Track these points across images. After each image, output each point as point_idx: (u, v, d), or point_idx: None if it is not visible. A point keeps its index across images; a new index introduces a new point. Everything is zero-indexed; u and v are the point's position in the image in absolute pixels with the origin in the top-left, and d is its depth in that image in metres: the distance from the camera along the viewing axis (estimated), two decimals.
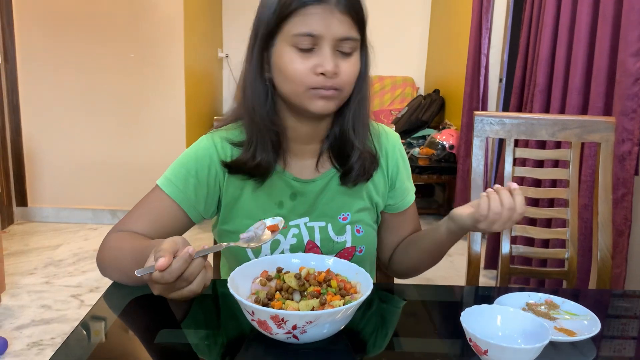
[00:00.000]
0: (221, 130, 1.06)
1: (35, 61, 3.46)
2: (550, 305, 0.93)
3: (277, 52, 0.93)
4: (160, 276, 0.74)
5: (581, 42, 2.19)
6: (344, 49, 0.92)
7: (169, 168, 1.04)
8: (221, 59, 4.73)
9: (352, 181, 1.04)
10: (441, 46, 4.50)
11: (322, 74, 0.90)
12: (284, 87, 0.95)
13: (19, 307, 2.47)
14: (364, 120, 1.03)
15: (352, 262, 1.05)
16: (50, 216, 3.65)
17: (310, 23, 0.89)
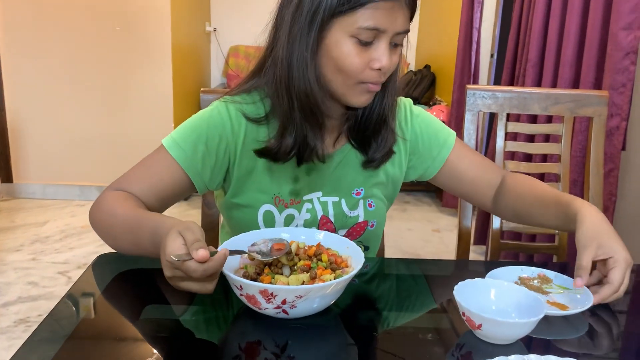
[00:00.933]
0: (235, 99, 0.99)
1: (19, 34, 3.38)
2: (543, 279, 0.92)
3: (333, 40, 0.87)
4: (195, 268, 0.68)
5: (574, 14, 2.16)
6: (397, 41, 0.89)
7: (177, 130, 0.98)
8: (209, 33, 4.65)
9: (375, 166, 1.02)
10: (432, 21, 4.45)
11: (377, 69, 0.88)
12: (331, 76, 0.90)
13: (5, 284, 2.45)
14: (393, 113, 1.01)
15: (364, 236, 1.06)
16: (36, 192, 3.60)
17: (378, 17, 0.84)
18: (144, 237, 0.82)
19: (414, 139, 1.08)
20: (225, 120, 0.97)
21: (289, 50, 0.89)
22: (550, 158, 2.25)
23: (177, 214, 3.41)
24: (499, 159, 1.49)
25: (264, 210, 1.00)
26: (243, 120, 0.98)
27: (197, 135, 0.96)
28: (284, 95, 0.92)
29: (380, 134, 1.00)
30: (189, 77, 4.02)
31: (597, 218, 0.88)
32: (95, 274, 0.91)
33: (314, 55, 0.89)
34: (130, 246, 0.88)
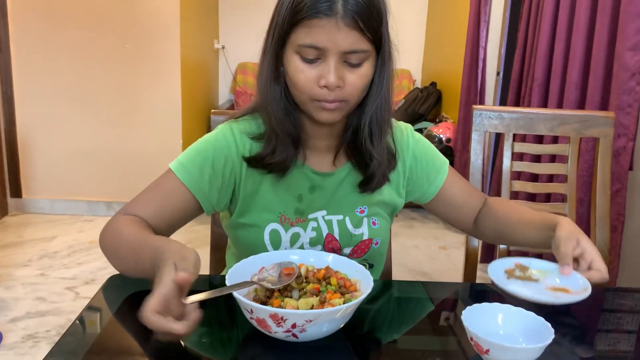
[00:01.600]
0: (239, 121, 1.04)
1: (30, 51, 3.43)
2: (521, 268, 0.94)
3: (286, 57, 0.92)
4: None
5: (580, 35, 2.18)
6: (352, 60, 0.89)
7: (184, 153, 1.01)
8: (217, 50, 4.69)
9: (371, 189, 1.04)
10: (438, 38, 4.48)
11: (324, 87, 0.89)
12: (293, 92, 0.95)
13: (14, 299, 2.46)
14: (383, 128, 1.01)
15: (369, 254, 1.06)
16: (44, 208, 3.63)
17: (314, 35, 0.86)
18: (146, 260, 0.84)
19: (413, 164, 1.10)
20: (230, 142, 1.00)
21: (261, 69, 0.97)
22: (556, 178, 2.26)
23: (183, 230, 3.41)
24: (505, 178, 1.50)
25: (270, 229, 1.02)
26: (247, 140, 1.01)
27: (203, 158, 0.99)
28: (263, 110, 0.99)
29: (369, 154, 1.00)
30: (197, 93, 4.06)
31: (576, 227, 0.98)
32: (106, 295, 0.92)
33: (275, 72, 0.95)
34: (133, 267, 0.90)
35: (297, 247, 1.02)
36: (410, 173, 1.10)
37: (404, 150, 1.09)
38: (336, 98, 0.90)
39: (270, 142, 0.98)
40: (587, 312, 0.97)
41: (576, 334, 0.88)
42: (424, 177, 1.11)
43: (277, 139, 0.98)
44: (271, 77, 0.95)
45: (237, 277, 0.81)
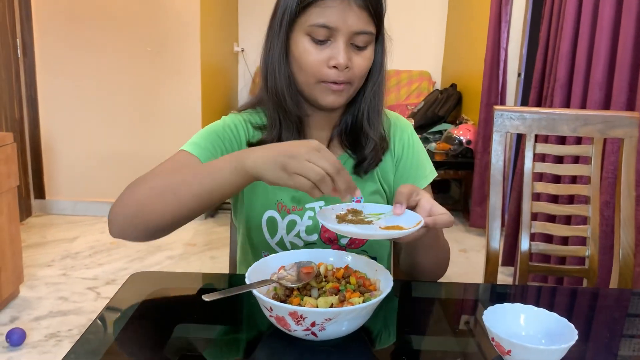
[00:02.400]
0: (243, 113, 1.08)
1: (54, 55, 3.49)
2: (353, 212, 0.88)
3: (294, 40, 0.94)
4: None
5: (604, 34, 2.14)
6: (358, 42, 0.93)
7: (195, 136, 1.02)
8: (237, 53, 4.73)
9: (364, 170, 1.05)
10: (458, 40, 4.45)
11: (334, 67, 0.92)
12: (298, 76, 0.97)
13: (37, 298, 2.50)
14: (379, 111, 1.05)
15: (368, 245, 1.07)
16: (67, 209, 3.69)
17: (327, 15, 0.90)
18: (224, 166, 0.80)
19: (404, 158, 1.11)
20: (239, 127, 1.04)
21: (267, 54, 0.99)
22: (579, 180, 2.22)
23: (203, 231, 3.46)
24: (527, 180, 1.48)
25: (267, 215, 1.04)
26: (251, 128, 1.05)
27: (215, 137, 1.02)
28: (267, 96, 1.01)
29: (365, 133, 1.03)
30: (217, 96, 4.09)
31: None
32: (128, 292, 0.93)
33: (284, 58, 0.97)
34: (199, 187, 0.82)
35: (293, 235, 1.04)
36: (399, 162, 1.11)
37: (397, 138, 1.11)
38: (345, 79, 0.94)
39: (274, 129, 1.00)
40: (611, 315, 0.96)
41: (599, 337, 0.86)
42: (411, 172, 1.10)
43: (282, 124, 1.00)
44: (280, 62, 0.97)
45: (256, 276, 0.81)
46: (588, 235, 1.44)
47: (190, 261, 3.02)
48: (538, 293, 1.09)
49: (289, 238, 1.04)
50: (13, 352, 2.07)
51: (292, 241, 1.05)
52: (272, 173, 0.76)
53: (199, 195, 0.82)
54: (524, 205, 1.46)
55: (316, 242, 1.05)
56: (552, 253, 1.48)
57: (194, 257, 3.09)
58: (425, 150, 1.16)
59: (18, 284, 2.46)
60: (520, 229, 1.46)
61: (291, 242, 1.05)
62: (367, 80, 1.01)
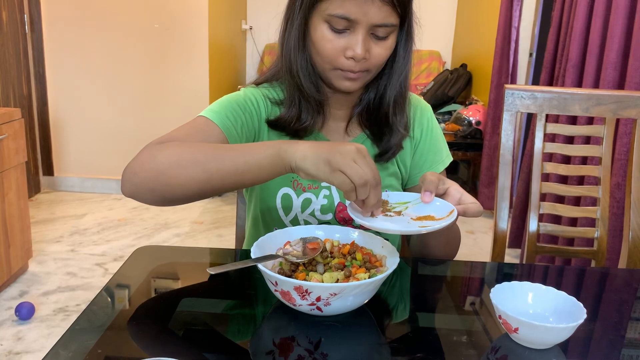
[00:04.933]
0: (260, 87, 1.06)
1: (61, 31, 3.47)
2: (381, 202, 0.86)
3: (313, 25, 0.92)
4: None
5: (619, 14, 2.10)
6: (379, 33, 0.90)
7: (214, 104, 0.99)
8: (245, 31, 4.69)
9: (386, 159, 1.05)
10: (469, 19, 4.39)
11: (351, 58, 0.90)
12: (315, 59, 0.95)
13: (46, 273, 2.52)
14: (405, 99, 1.03)
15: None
16: (75, 186, 3.70)
17: (347, 7, 0.86)
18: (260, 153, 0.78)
19: (422, 142, 1.10)
20: (259, 100, 1.02)
21: (286, 34, 0.96)
22: (590, 161, 2.20)
23: (211, 210, 3.47)
24: (536, 160, 1.46)
25: (282, 193, 1.03)
26: (269, 103, 1.03)
27: (236, 106, 0.99)
28: (285, 76, 0.99)
29: (391, 125, 1.02)
30: (224, 74, 4.07)
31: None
32: (133, 266, 0.93)
33: (302, 40, 0.94)
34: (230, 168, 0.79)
35: (308, 214, 1.03)
36: (417, 145, 1.10)
37: (416, 122, 1.10)
38: (361, 69, 0.92)
39: (293, 106, 0.99)
40: (620, 295, 0.95)
41: (608, 316, 0.85)
42: (428, 156, 1.10)
43: (302, 104, 0.99)
44: (299, 44, 0.95)
45: (262, 251, 0.81)
46: (597, 216, 1.42)
47: (197, 239, 3.04)
48: (545, 272, 1.08)
49: (303, 216, 1.04)
50: (22, 325, 2.09)
51: (306, 219, 1.04)
52: (314, 166, 0.74)
53: (230, 174, 0.79)
54: (533, 185, 1.44)
55: (330, 222, 1.04)
56: (561, 234, 1.47)
57: (201, 235, 3.10)
58: (442, 134, 1.15)
59: (27, 259, 2.48)
60: (528, 210, 1.45)
61: (305, 220, 1.04)
62: (393, 69, 0.99)
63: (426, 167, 1.10)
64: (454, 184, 0.87)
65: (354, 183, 0.72)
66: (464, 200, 0.85)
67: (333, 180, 0.73)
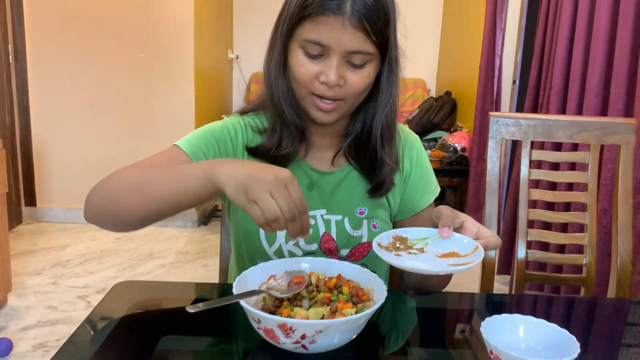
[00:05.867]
0: (244, 116, 1.05)
1: (46, 61, 3.46)
2: (400, 239, 0.88)
3: (291, 51, 0.92)
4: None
5: (600, 41, 2.13)
6: (355, 60, 0.89)
7: (191, 133, 1.00)
8: (231, 60, 4.71)
9: (380, 195, 1.04)
10: (453, 47, 4.45)
11: (324, 83, 0.89)
12: (293, 85, 0.95)
13: (25, 307, 2.46)
14: (393, 134, 1.02)
15: (368, 258, 1.04)
16: (58, 216, 3.64)
17: (320, 32, 0.86)
18: (195, 174, 0.77)
19: (412, 175, 1.09)
20: (237, 129, 1.02)
21: (268, 61, 0.96)
22: (575, 187, 2.20)
23: (196, 239, 3.42)
24: (523, 187, 1.45)
25: None
26: (251, 132, 1.03)
27: (210, 136, 0.99)
28: (268, 102, 0.98)
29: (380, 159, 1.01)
30: (211, 102, 4.06)
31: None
32: (113, 301, 0.90)
33: (283, 66, 0.94)
34: (167, 189, 0.79)
35: (292, 244, 1.01)
36: (408, 178, 1.09)
37: (406, 155, 1.09)
38: (334, 96, 0.91)
39: (275, 133, 0.98)
40: (611, 325, 0.93)
41: (599, 347, 0.83)
42: (419, 188, 1.10)
43: (283, 131, 0.98)
44: (279, 70, 0.95)
45: (245, 285, 0.78)
46: (585, 243, 1.41)
47: (182, 270, 2.98)
48: (535, 302, 1.06)
49: (287, 247, 1.01)
50: None
51: (290, 250, 1.01)
52: (234, 192, 0.72)
53: (164, 197, 0.79)
54: (520, 212, 1.43)
55: (316, 252, 1.02)
56: (549, 261, 1.45)
57: (186, 265, 3.05)
58: (430, 164, 1.14)
59: (6, 293, 2.41)
60: (516, 237, 1.44)
61: (290, 251, 1.01)
62: (378, 102, 0.98)
63: (417, 199, 1.09)
64: (468, 217, 0.87)
65: (265, 217, 0.70)
66: (482, 233, 0.86)
67: (249, 211, 0.71)
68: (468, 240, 0.84)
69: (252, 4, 4.58)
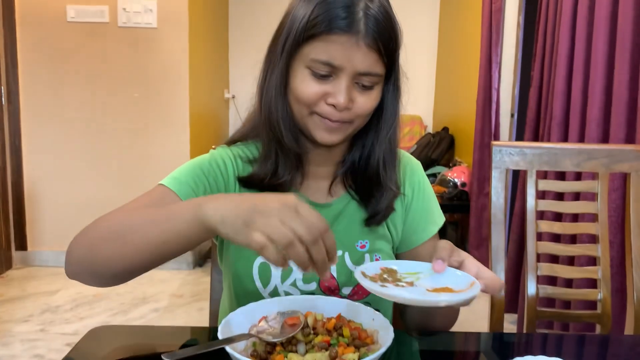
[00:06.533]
0: (232, 147, 0.99)
1: (39, 103, 3.43)
2: (388, 271, 0.79)
3: (294, 70, 0.86)
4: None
5: (598, 71, 2.11)
6: (364, 82, 0.84)
7: (177, 170, 0.93)
8: (227, 100, 4.70)
9: (377, 223, 0.96)
10: (449, 83, 4.46)
11: (332, 105, 0.84)
12: (293, 107, 0.88)
13: (10, 356, 2.34)
14: (395, 157, 0.96)
15: (372, 296, 0.95)
16: (49, 260, 3.54)
17: (332, 51, 0.81)
18: (177, 217, 0.69)
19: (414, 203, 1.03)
20: (227, 161, 0.95)
21: (266, 83, 0.90)
22: (581, 218, 2.14)
23: (191, 282, 3.32)
24: (530, 219, 1.39)
25: (259, 262, 0.93)
26: (241, 163, 0.96)
27: (199, 170, 0.92)
28: (264, 128, 0.92)
29: (381, 184, 0.95)
30: (206, 142, 4.03)
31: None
32: (85, 349, 0.82)
33: (284, 87, 0.88)
34: (149, 238, 0.71)
35: (289, 284, 0.92)
36: (410, 205, 1.02)
37: (407, 183, 1.03)
38: (342, 118, 0.85)
39: (269, 161, 0.91)
40: None
41: None
42: (421, 217, 1.03)
43: (279, 157, 0.91)
44: (279, 90, 0.88)
45: (232, 329, 0.70)
46: (599, 277, 1.34)
47: (176, 314, 2.88)
48: (545, 341, 0.98)
49: (283, 287, 0.93)
50: None
51: (287, 291, 0.93)
52: (232, 229, 0.63)
53: (149, 245, 0.71)
54: (528, 245, 1.36)
55: (315, 293, 0.94)
56: (563, 297, 1.37)
57: (181, 309, 2.94)
58: (434, 193, 1.07)
59: None
60: (523, 272, 1.36)
61: (286, 292, 0.93)
62: (381, 124, 0.93)
63: (420, 229, 1.02)
64: (469, 256, 0.79)
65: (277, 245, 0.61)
66: (482, 274, 0.76)
67: (254, 247, 0.62)
68: (463, 275, 0.75)
69: (248, 44, 4.61)
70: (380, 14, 0.81)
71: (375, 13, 0.81)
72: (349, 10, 0.80)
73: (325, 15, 0.80)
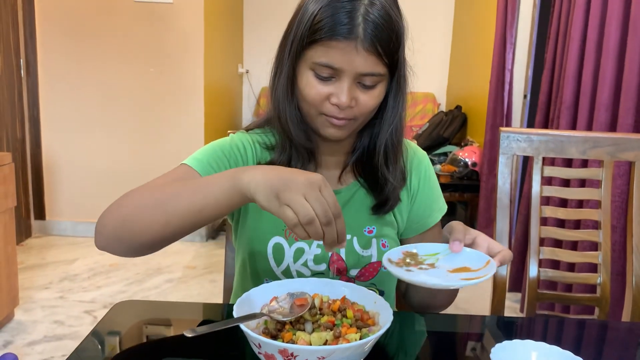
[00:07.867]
0: (251, 132, 1.04)
1: (57, 75, 3.48)
2: (410, 255, 0.87)
3: (300, 72, 0.91)
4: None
5: (610, 56, 2.11)
6: (366, 82, 0.88)
7: (198, 151, 0.98)
8: (241, 74, 4.72)
9: (384, 212, 1.01)
10: (463, 62, 4.43)
11: (335, 105, 0.88)
12: (302, 106, 0.93)
13: (32, 322, 2.44)
14: (398, 150, 1.00)
15: (378, 278, 1.02)
16: (67, 229, 3.64)
17: (332, 55, 0.85)
18: (215, 184, 0.75)
19: (420, 193, 1.07)
20: (247, 145, 1.00)
21: (275, 83, 0.95)
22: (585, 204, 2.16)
23: (204, 254, 3.40)
24: (535, 204, 1.42)
25: (273, 242, 0.99)
26: (260, 148, 1.01)
27: (220, 152, 0.97)
28: (276, 122, 0.97)
29: (387, 176, 0.99)
30: (220, 117, 4.07)
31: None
32: (111, 322, 0.88)
33: (291, 88, 0.92)
34: (188, 205, 0.76)
35: (300, 264, 0.98)
36: (415, 195, 1.07)
37: (414, 172, 1.07)
38: (346, 116, 0.90)
39: (284, 151, 0.97)
40: (627, 350, 0.89)
41: None
42: (426, 206, 1.08)
43: (292, 150, 0.97)
44: (287, 92, 0.93)
45: (246, 307, 0.76)
46: (599, 261, 1.38)
47: (189, 285, 2.97)
48: (546, 326, 1.03)
49: (295, 267, 0.99)
50: None
51: (299, 270, 0.99)
52: (265, 197, 0.70)
53: (188, 212, 0.76)
54: (532, 230, 1.40)
55: (324, 272, 0.99)
56: (562, 280, 1.42)
57: (194, 280, 3.03)
58: (437, 182, 1.12)
59: (13, 307, 2.40)
60: (527, 255, 1.40)
61: (298, 271, 0.99)
62: (383, 120, 0.97)
63: (425, 217, 1.07)
64: (480, 233, 0.88)
65: (299, 220, 0.68)
66: (493, 248, 0.86)
67: (281, 215, 0.69)
68: (479, 254, 0.84)
69: (263, 19, 4.60)
70: (380, 17, 0.84)
71: (375, 17, 0.83)
72: (350, 15, 0.83)
73: (328, 20, 0.83)
